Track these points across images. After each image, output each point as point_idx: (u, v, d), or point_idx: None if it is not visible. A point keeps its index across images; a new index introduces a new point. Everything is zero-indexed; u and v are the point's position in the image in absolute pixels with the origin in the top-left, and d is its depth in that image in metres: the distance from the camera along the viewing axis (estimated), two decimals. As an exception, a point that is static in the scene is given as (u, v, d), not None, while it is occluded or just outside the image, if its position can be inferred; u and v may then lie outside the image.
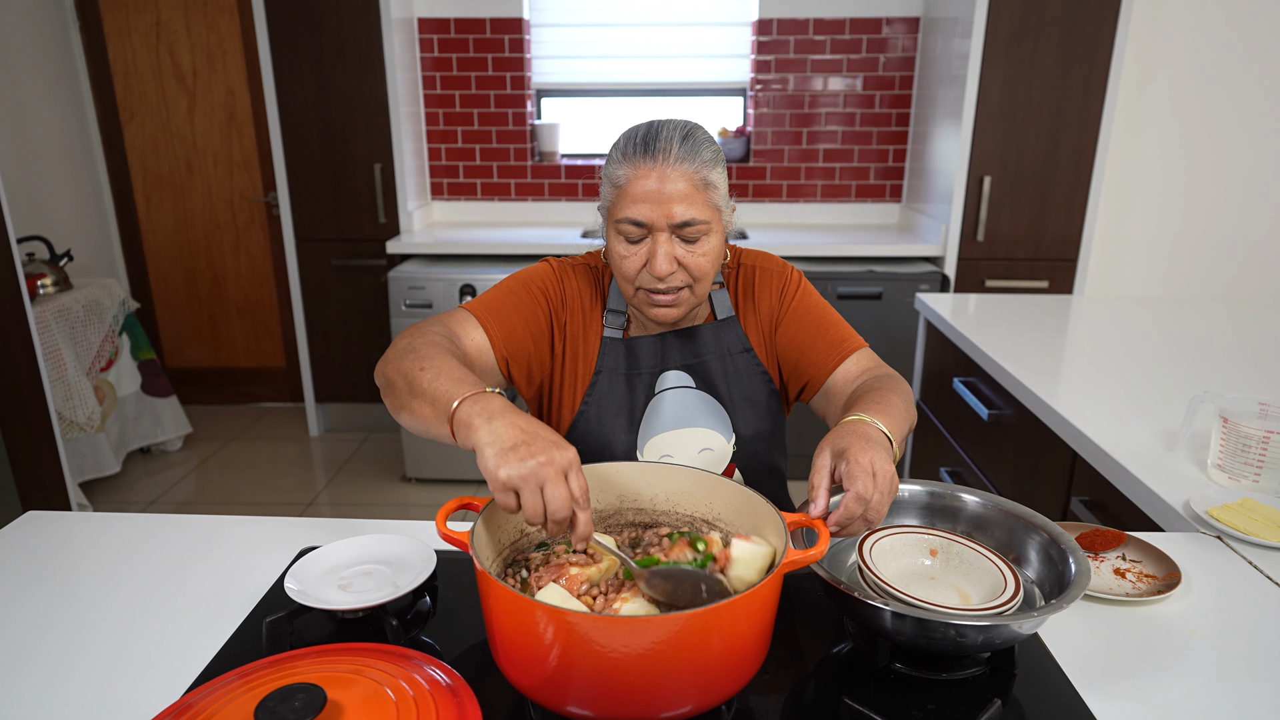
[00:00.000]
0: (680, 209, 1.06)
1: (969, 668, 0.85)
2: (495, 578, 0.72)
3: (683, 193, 1.06)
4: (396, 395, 0.98)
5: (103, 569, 1.06)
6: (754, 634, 0.74)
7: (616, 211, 1.09)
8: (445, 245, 3.24)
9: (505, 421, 0.81)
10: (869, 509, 0.84)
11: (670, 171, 1.05)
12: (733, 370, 1.23)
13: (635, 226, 1.08)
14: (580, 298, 1.22)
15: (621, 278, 1.13)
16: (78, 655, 0.89)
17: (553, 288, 1.22)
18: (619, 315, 1.22)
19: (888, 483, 0.85)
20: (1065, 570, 0.87)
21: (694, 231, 1.08)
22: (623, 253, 1.10)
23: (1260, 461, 1.20)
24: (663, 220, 1.06)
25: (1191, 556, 1.08)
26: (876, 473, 0.84)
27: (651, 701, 0.70)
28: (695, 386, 1.22)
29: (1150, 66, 3.25)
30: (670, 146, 1.06)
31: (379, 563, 0.99)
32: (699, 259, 1.09)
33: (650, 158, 1.06)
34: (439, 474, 3.26)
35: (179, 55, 3.60)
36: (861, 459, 0.85)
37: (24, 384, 2.22)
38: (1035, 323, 2.14)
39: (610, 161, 1.11)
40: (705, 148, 1.08)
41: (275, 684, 0.71)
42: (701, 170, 1.07)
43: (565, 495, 0.77)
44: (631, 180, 1.07)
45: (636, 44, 3.58)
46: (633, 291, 1.13)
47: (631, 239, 1.09)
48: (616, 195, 1.09)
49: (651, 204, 1.06)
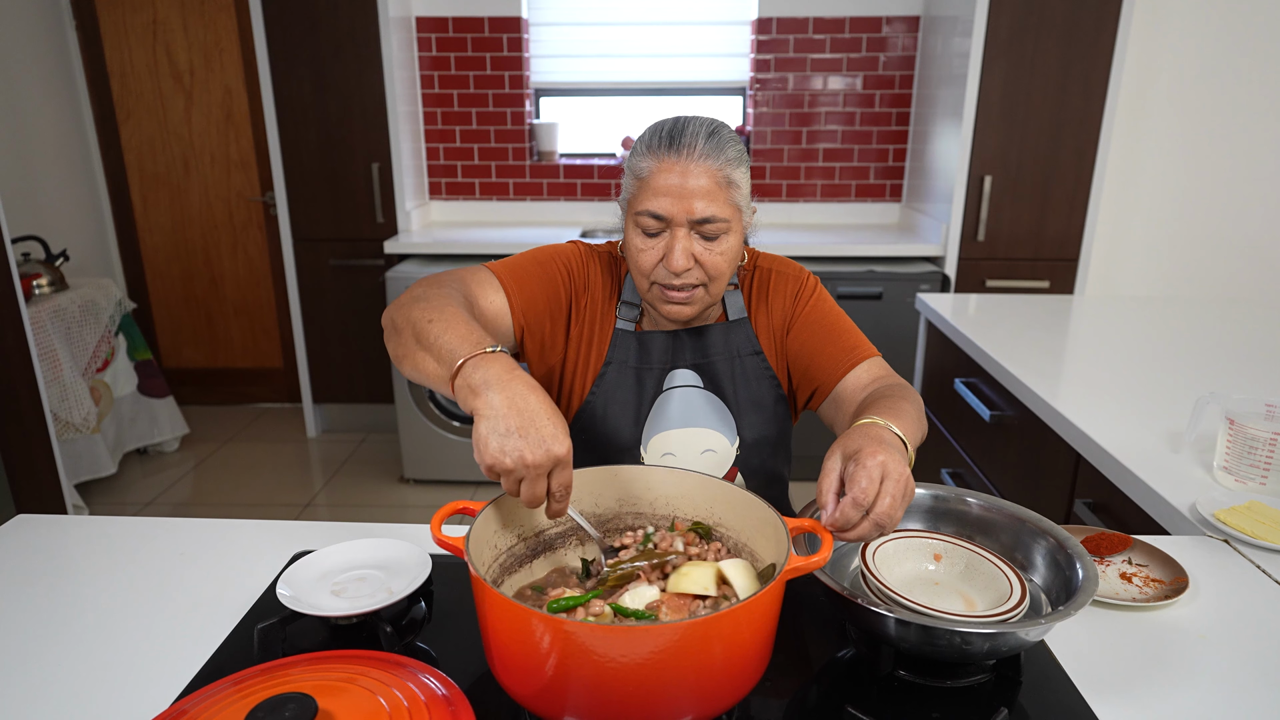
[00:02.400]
0: (701, 205, 1.05)
1: (974, 675, 0.83)
2: (490, 584, 0.70)
3: (705, 189, 1.05)
4: (402, 343, 0.96)
5: (93, 573, 1.04)
6: (756, 642, 0.72)
7: (637, 203, 1.09)
8: (443, 245, 3.23)
9: (505, 397, 0.80)
10: (877, 513, 0.79)
11: (694, 167, 1.05)
12: (740, 372, 1.21)
13: (654, 220, 1.07)
14: (601, 284, 1.22)
15: (637, 271, 1.12)
16: (67, 661, 0.87)
17: (578, 269, 1.21)
18: (632, 308, 1.21)
19: (901, 486, 0.80)
20: (1072, 576, 0.85)
21: (713, 229, 1.07)
22: (640, 245, 1.10)
23: (1267, 464, 1.19)
24: (683, 215, 1.06)
25: (1198, 560, 1.07)
26: (888, 475, 0.80)
27: (651, 711, 0.69)
28: (703, 386, 1.21)
29: (1151, 65, 3.24)
30: (695, 142, 1.05)
31: (373, 568, 0.98)
32: (716, 257, 1.09)
33: (675, 152, 1.05)
34: (437, 475, 3.24)
35: (176, 54, 3.59)
36: (870, 462, 0.80)
37: (19, 385, 2.21)
38: (1036, 323, 2.12)
39: (634, 154, 1.10)
40: (730, 146, 1.08)
41: (267, 692, 0.70)
42: (725, 168, 1.06)
43: (540, 495, 0.80)
44: (654, 173, 1.06)
45: (635, 43, 3.56)
46: (647, 286, 1.13)
47: (650, 232, 1.09)
48: (638, 187, 1.09)
49: (673, 198, 1.05)
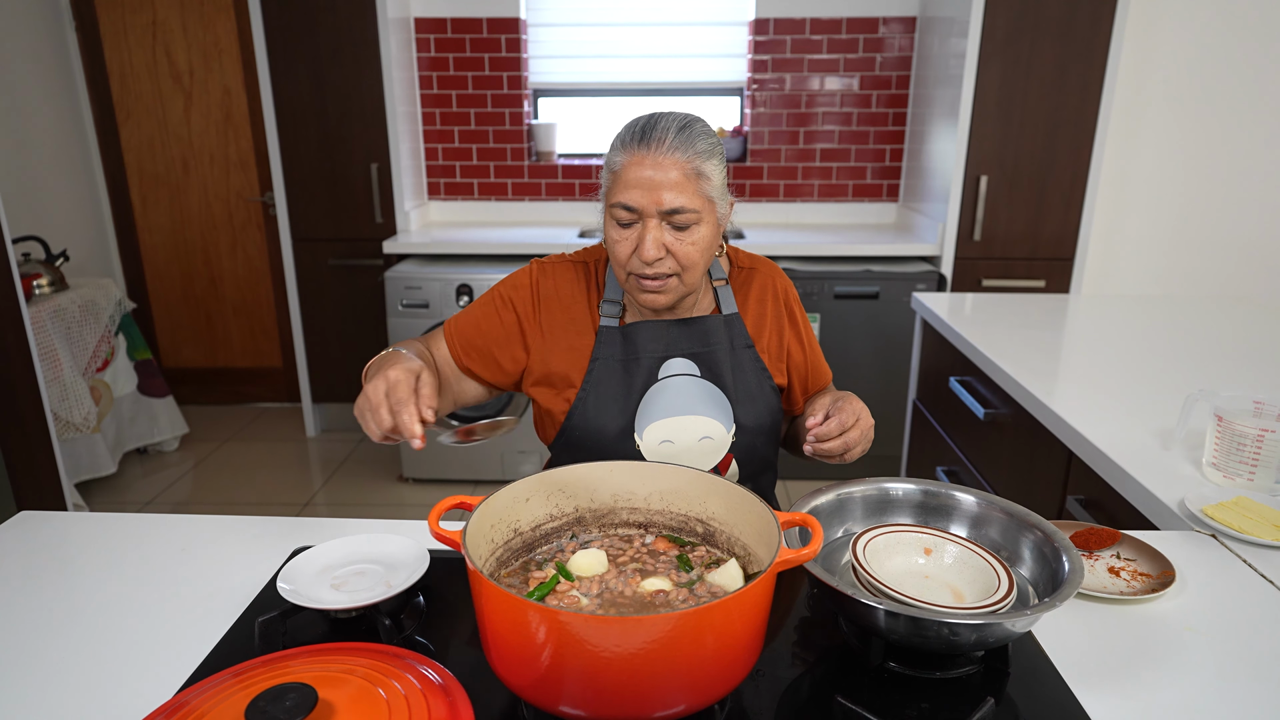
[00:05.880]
0: (670, 196, 1.09)
1: (963, 666, 0.85)
2: (488, 577, 0.72)
3: (674, 181, 1.09)
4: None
5: (95, 569, 1.06)
6: (747, 633, 0.73)
7: (611, 196, 1.13)
8: (442, 245, 3.24)
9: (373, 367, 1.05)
10: (848, 437, 1.10)
11: (663, 160, 1.09)
12: (737, 363, 1.25)
13: (627, 211, 1.11)
14: (559, 294, 1.27)
15: (615, 262, 1.17)
16: (69, 655, 0.89)
17: (522, 291, 1.27)
18: (614, 305, 1.25)
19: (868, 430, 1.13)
20: (1059, 569, 0.87)
21: (683, 219, 1.11)
22: (615, 237, 1.14)
23: (1255, 460, 1.20)
24: (652, 206, 1.10)
25: (1186, 555, 1.08)
26: (860, 417, 1.11)
27: (644, 701, 0.70)
28: (699, 375, 1.23)
29: (1147, 65, 3.25)
30: (665, 136, 1.09)
31: (372, 562, 0.99)
32: (688, 248, 1.12)
33: (645, 146, 1.10)
34: (435, 474, 3.26)
35: (175, 55, 3.60)
36: (851, 406, 1.12)
37: (19, 384, 2.22)
38: (1032, 322, 2.14)
39: (610, 149, 1.15)
40: (701, 139, 1.11)
41: (267, 683, 0.71)
42: (694, 160, 1.10)
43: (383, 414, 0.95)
44: (626, 167, 1.10)
45: (633, 44, 3.58)
46: (624, 276, 1.17)
47: (623, 223, 1.13)
48: (612, 181, 1.13)
49: (643, 190, 1.09)
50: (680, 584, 0.86)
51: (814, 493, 1.00)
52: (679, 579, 0.87)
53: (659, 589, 0.84)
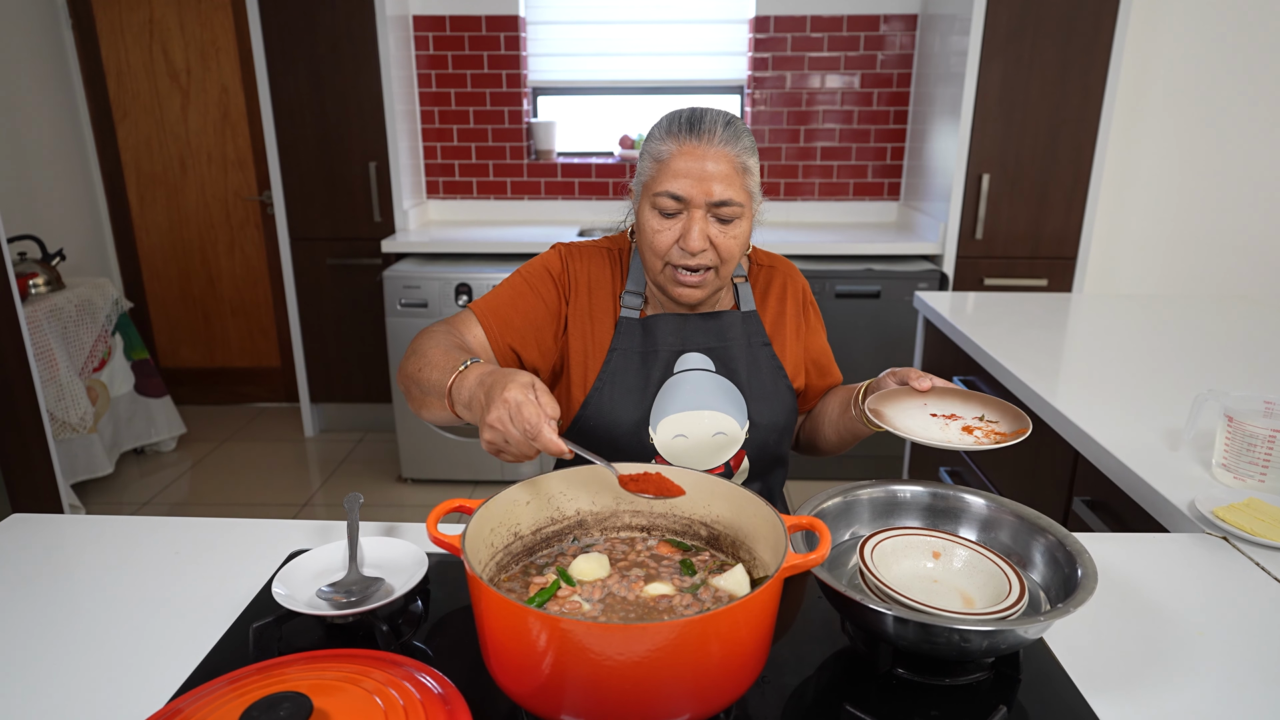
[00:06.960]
0: (719, 188, 1.09)
1: (972, 673, 0.83)
2: (487, 583, 0.70)
3: (723, 173, 1.09)
4: (413, 398, 1.08)
5: (88, 572, 1.04)
6: (753, 640, 0.72)
7: (655, 185, 1.12)
8: (441, 244, 3.22)
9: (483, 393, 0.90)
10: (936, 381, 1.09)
11: (713, 151, 1.09)
12: (753, 360, 1.25)
13: (673, 200, 1.11)
14: (588, 279, 1.24)
15: (652, 253, 1.15)
16: (63, 660, 0.87)
17: (555, 273, 1.24)
18: (636, 296, 1.24)
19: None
20: (1072, 574, 0.85)
21: (729, 212, 1.11)
22: (656, 227, 1.13)
23: (1266, 461, 1.19)
24: (701, 197, 1.09)
25: (1197, 557, 1.07)
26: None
27: (648, 710, 0.69)
28: (714, 370, 1.23)
29: (1149, 63, 3.24)
30: (715, 129, 1.10)
31: (369, 566, 0.97)
32: (730, 240, 1.13)
33: (695, 136, 1.10)
34: (435, 474, 3.24)
35: (172, 53, 3.58)
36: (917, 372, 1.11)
37: (15, 384, 2.20)
38: (1034, 321, 2.12)
39: (652, 139, 1.14)
40: (745, 136, 1.13)
41: (262, 691, 0.70)
42: (741, 155, 1.11)
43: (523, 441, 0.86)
44: (675, 156, 1.10)
45: (633, 42, 3.56)
46: (660, 267, 1.15)
47: (667, 212, 1.12)
48: (657, 170, 1.12)
49: (693, 180, 1.09)
50: (684, 589, 0.84)
51: (821, 495, 0.99)
52: (683, 584, 0.85)
53: (662, 594, 0.83)
